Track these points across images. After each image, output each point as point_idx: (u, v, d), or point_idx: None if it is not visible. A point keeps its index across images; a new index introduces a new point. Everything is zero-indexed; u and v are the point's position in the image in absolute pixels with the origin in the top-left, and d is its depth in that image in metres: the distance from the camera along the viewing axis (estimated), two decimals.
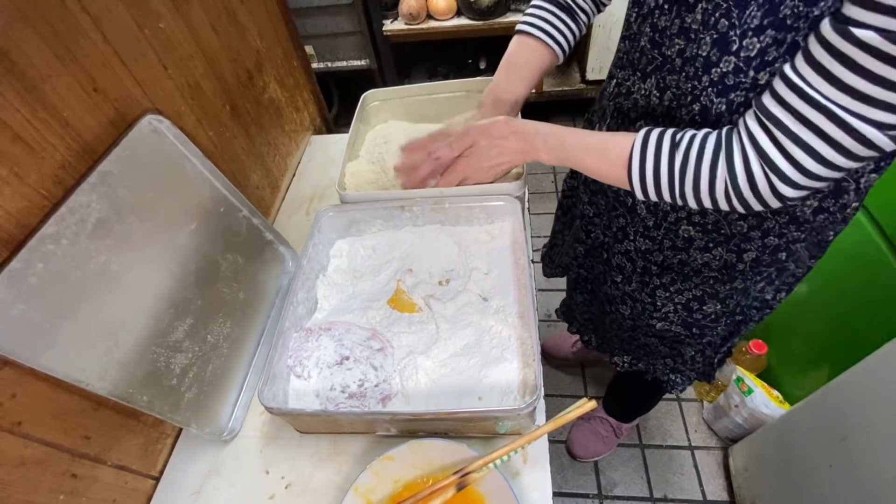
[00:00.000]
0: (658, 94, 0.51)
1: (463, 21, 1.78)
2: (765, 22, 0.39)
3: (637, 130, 0.50)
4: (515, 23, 0.71)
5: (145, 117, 0.55)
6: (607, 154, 0.50)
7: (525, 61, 0.67)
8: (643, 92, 0.53)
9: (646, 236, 0.63)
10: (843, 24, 0.34)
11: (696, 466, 1.24)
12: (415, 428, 0.56)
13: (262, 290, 0.73)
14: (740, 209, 0.44)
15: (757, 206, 0.44)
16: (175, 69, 0.64)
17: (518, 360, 0.58)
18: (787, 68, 0.38)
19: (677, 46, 0.47)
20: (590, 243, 0.77)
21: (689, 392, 1.37)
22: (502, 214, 0.72)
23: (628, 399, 1.15)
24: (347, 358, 0.62)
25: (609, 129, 0.62)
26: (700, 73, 0.45)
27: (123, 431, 0.56)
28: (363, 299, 0.69)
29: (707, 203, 0.45)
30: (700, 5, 0.43)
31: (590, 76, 1.86)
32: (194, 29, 0.68)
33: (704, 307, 0.66)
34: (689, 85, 0.47)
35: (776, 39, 0.39)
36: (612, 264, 0.72)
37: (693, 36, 0.45)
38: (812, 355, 1.10)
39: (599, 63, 1.82)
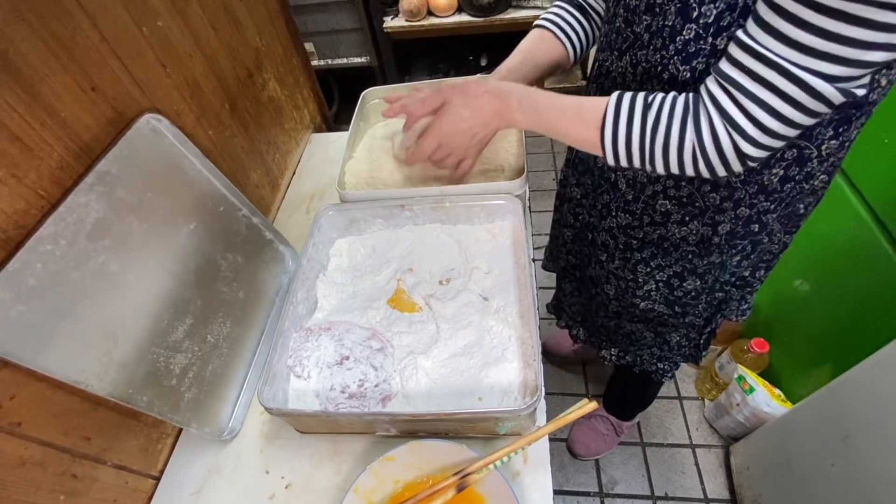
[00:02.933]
0: (632, 70, 0.53)
1: (464, 18, 1.77)
2: None
3: None
4: (516, 19, 0.71)
5: (144, 116, 0.54)
6: (582, 115, 0.51)
7: (541, 53, 0.67)
8: (619, 69, 0.55)
9: (626, 211, 0.65)
10: None
11: (697, 465, 1.23)
12: (415, 428, 0.56)
13: (261, 290, 0.73)
14: (705, 173, 0.46)
15: (721, 170, 0.45)
16: (174, 68, 0.64)
17: (519, 361, 0.58)
18: (739, 32, 0.41)
19: (645, 22, 0.49)
20: (577, 226, 0.79)
21: (691, 390, 1.37)
22: (503, 213, 0.71)
23: (625, 395, 1.16)
24: (347, 358, 0.61)
25: None
26: (667, 42, 0.48)
27: (123, 431, 0.56)
28: (363, 299, 0.69)
29: (674, 166, 0.47)
30: None
31: (591, 73, 1.85)
32: (193, 27, 0.68)
33: (685, 283, 0.68)
34: (657, 56, 0.49)
35: (729, 4, 0.42)
36: (597, 243, 0.74)
37: (658, 10, 0.47)
38: (814, 354, 1.09)
39: None
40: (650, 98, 0.47)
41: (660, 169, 0.48)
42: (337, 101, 2.08)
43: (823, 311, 1.05)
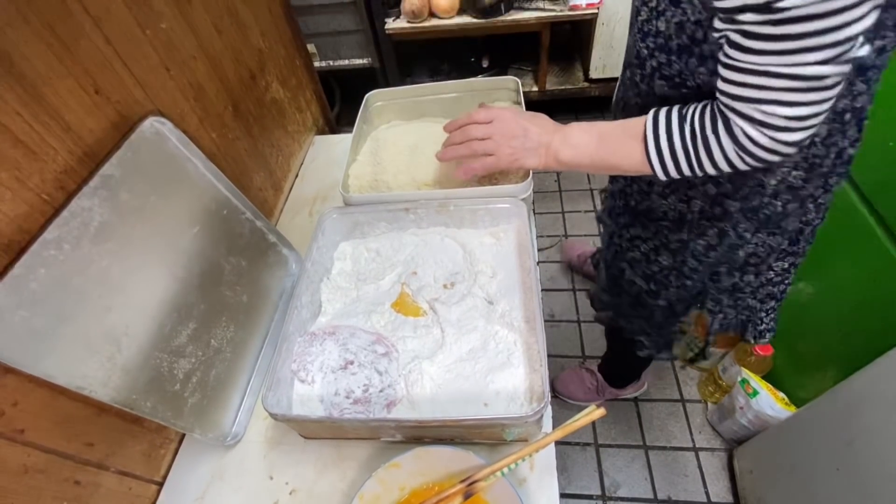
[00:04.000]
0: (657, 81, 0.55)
1: (466, 19, 1.76)
2: None
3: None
4: (518, 21, 0.71)
5: (147, 119, 0.54)
6: (627, 131, 0.52)
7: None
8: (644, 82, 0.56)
9: (623, 177, 0.71)
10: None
11: (700, 468, 1.23)
12: (420, 434, 0.56)
13: (265, 293, 0.73)
14: (761, 163, 0.46)
15: (775, 157, 0.45)
16: (177, 70, 0.63)
17: (524, 366, 0.57)
18: (721, 56, 0.43)
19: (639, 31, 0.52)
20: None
21: (693, 393, 1.36)
22: (508, 217, 0.71)
23: (612, 361, 1.23)
24: (352, 362, 0.61)
25: None
26: (640, 45, 0.51)
27: (126, 437, 0.55)
28: (367, 303, 0.68)
29: (725, 166, 0.48)
30: None
31: (593, 74, 1.85)
32: (196, 29, 0.68)
33: (659, 258, 0.72)
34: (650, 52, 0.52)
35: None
36: (607, 207, 0.82)
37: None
38: (818, 358, 1.09)
39: (602, 61, 1.80)
40: (684, 111, 0.49)
41: (712, 172, 0.49)
42: (339, 103, 2.08)
43: (828, 315, 1.04)
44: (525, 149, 0.58)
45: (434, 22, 1.79)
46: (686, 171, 0.49)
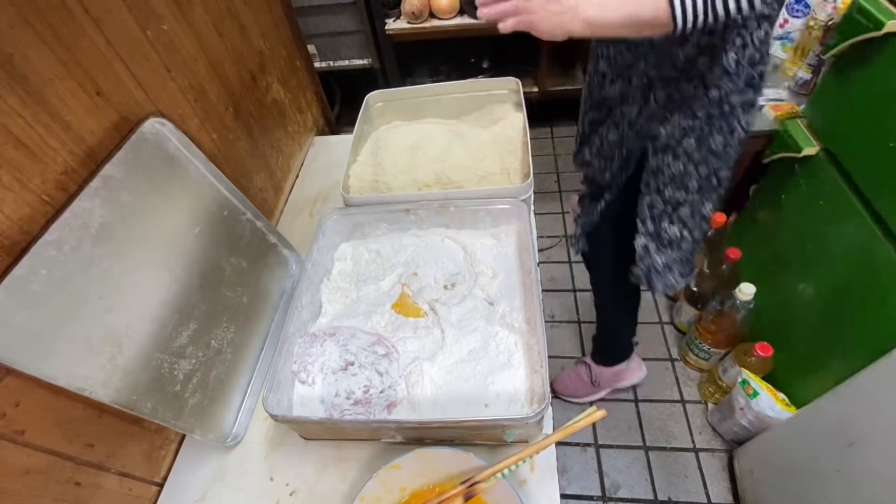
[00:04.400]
0: None
1: (466, 20, 1.76)
2: None
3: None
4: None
5: (148, 120, 0.54)
6: None
7: None
8: None
9: (605, 57, 0.72)
10: None
11: (700, 469, 1.23)
12: (421, 436, 0.56)
13: (265, 294, 0.73)
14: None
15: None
16: (178, 71, 0.64)
17: (525, 367, 0.58)
18: None
19: None
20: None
21: (694, 394, 1.36)
22: (508, 218, 0.71)
23: (600, 336, 1.26)
24: (352, 363, 0.61)
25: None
26: None
27: (127, 438, 0.55)
28: (368, 304, 0.68)
29: (745, 3, 0.49)
30: None
31: None
32: (197, 31, 0.68)
33: (611, 145, 0.75)
34: None
35: None
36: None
37: None
38: (819, 359, 1.09)
39: None
40: None
41: (723, 13, 0.50)
42: (339, 104, 2.08)
43: (828, 316, 1.04)
44: (558, 13, 0.56)
45: (434, 23, 1.79)
46: (701, 13, 0.50)
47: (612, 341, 1.25)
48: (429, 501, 0.46)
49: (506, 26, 0.58)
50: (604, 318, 1.19)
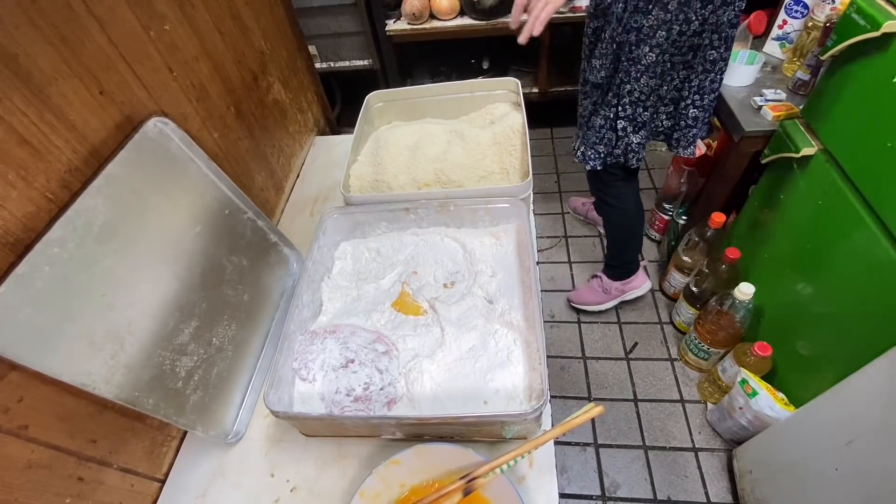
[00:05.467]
0: None
1: (466, 21, 1.77)
2: None
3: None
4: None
5: (151, 120, 0.55)
6: None
7: None
8: None
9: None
10: None
11: (699, 468, 1.23)
12: (420, 432, 0.56)
13: (266, 293, 0.73)
14: None
15: None
16: (180, 71, 0.64)
17: (524, 364, 0.58)
18: None
19: None
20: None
21: (693, 394, 1.37)
22: (507, 217, 0.71)
23: (609, 250, 1.46)
24: (353, 361, 0.61)
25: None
26: None
27: (129, 434, 0.56)
28: (368, 302, 0.69)
29: None
30: None
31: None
32: (199, 31, 0.68)
33: (607, 43, 0.95)
34: None
35: None
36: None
37: None
38: (818, 358, 1.09)
39: None
40: None
41: None
42: (339, 104, 2.09)
43: (828, 315, 1.05)
44: None
45: (434, 24, 1.80)
46: None
47: (618, 260, 1.42)
48: (428, 496, 0.46)
49: (542, 21, 0.73)
50: (611, 239, 1.42)
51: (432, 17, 1.81)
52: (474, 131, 0.82)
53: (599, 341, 1.49)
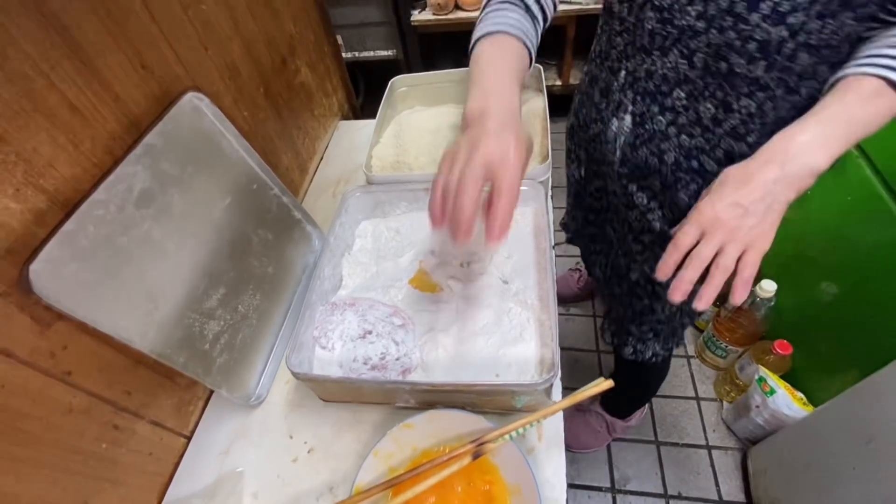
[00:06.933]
0: (686, 62, 0.52)
1: None
2: None
3: (675, 98, 0.54)
4: None
5: (187, 94, 0.58)
6: (865, 95, 0.45)
7: (516, 61, 0.53)
8: (669, 65, 0.54)
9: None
10: None
11: (712, 466, 1.22)
12: (433, 400, 0.58)
13: (289, 267, 0.76)
14: None
15: None
16: (214, 50, 0.67)
17: (536, 341, 0.59)
18: None
19: (694, 12, 0.49)
20: None
21: (708, 391, 1.35)
22: (525, 199, 0.72)
23: (621, 391, 1.11)
24: (370, 332, 0.64)
25: (635, 113, 0.61)
26: (743, 16, 0.46)
27: (160, 390, 0.59)
28: (386, 278, 0.71)
29: None
30: None
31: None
32: (233, 12, 0.71)
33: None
34: (726, 35, 0.48)
35: None
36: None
37: None
38: (839, 358, 1.07)
39: None
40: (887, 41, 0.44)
41: None
42: (363, 93, 2.12)
43: (850, 315, 1.02)
44: (775, 208, 0.47)
45: (459, 14, 1.81)
46: None
47: (630, 407, 1.18)
48: (438, 458, 0.48)
49: (743, 293, 0.47)
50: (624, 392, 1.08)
51: (457, 7, 1.82)
52: None
53: None
